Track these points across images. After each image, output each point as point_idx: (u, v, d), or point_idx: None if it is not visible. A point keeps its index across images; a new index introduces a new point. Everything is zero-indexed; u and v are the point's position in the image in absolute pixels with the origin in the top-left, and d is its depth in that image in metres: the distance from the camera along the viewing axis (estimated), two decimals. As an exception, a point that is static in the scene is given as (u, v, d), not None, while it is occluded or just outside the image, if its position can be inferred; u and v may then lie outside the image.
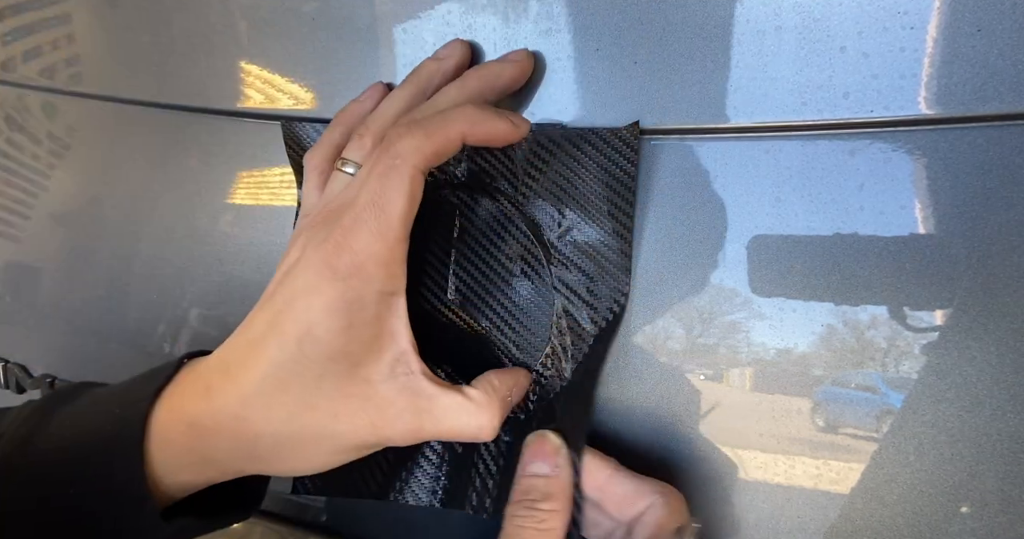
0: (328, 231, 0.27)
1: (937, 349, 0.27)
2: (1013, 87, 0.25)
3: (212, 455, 0.28)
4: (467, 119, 0.28)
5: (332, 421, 0.28)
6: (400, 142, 0.27)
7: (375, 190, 0.27)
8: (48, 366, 0.53)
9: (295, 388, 0.27)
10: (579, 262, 0.31)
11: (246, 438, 0.28)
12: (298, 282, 0.27)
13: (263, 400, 0.27)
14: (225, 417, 0.28)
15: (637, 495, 0.29)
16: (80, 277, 0.49)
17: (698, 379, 0.31)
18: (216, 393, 0.28)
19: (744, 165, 0.29)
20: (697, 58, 0.29)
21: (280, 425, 0.27)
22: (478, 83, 0.31)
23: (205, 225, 0.42)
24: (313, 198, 0.33)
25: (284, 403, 0.27)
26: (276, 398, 0.27)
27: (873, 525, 0.28)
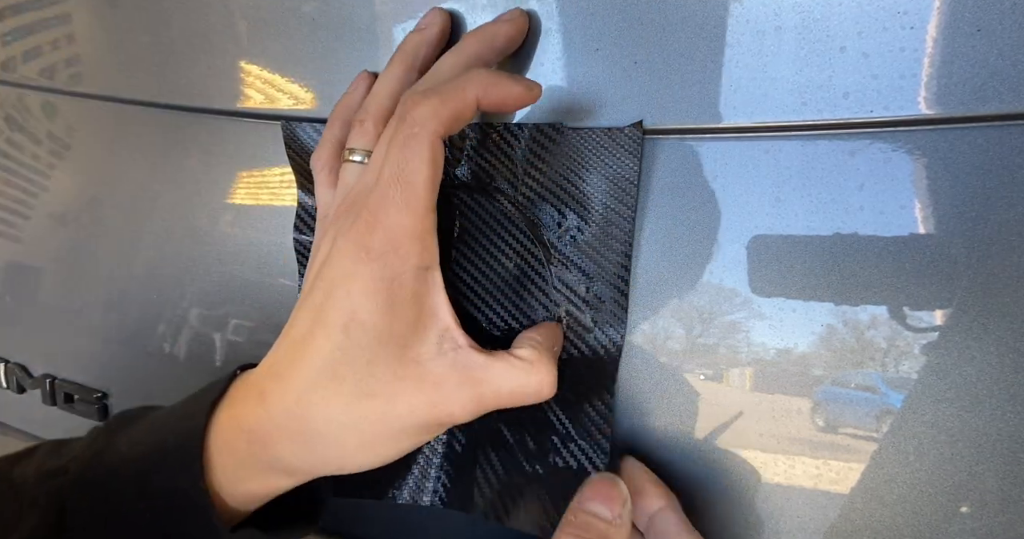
0: (355, 215, 0.27)
1: (937, 349, 0.27)
2: (1013, 87, 0.25)
3: (276, 459, 0.28)
4: (480, 82, 0.27)
5: (391, 406, 0.27)
6: (416, 109, 0.26)
7: (396, 162, 0.26)
8: (48, 366, 0.53)
9: (349, 377, 0.27)
10: (579, 262, 0.31)
11: (308, 436, 0.27)
12: (334, 272, 0.27)
13: (319, 395, 0.27)
14: (283, 418, 0.27)
15: (677, 535, 0.29)
16: (80, 277, 0.49)
17: (698, 379, 0.31)
18: (271, 396, 0.28)
19: (744, 165, 0.29)
20: (697, 58, 0.29)
21: (340, 416, 0.27)
22: (476, 46, 0.30)
23: (205, 225, 0.42)
24: (327, 197, 0.32)
25: (340, 394, 0.27)
26: (331, 390, 0.27)
27: (873, 525, 0.28)
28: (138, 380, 0.48)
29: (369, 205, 0.27)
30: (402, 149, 0.26)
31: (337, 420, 0.27)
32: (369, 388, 0.27)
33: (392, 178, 0.26)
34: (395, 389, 0.27)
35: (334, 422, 0.27)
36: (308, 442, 0.27)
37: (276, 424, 0.27)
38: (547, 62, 0.31)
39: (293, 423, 0.27)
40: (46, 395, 0.52)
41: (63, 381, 0.51)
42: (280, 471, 0.29)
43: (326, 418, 0.27)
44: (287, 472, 0.29)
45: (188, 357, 0.45)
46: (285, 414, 0.27)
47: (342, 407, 0.27)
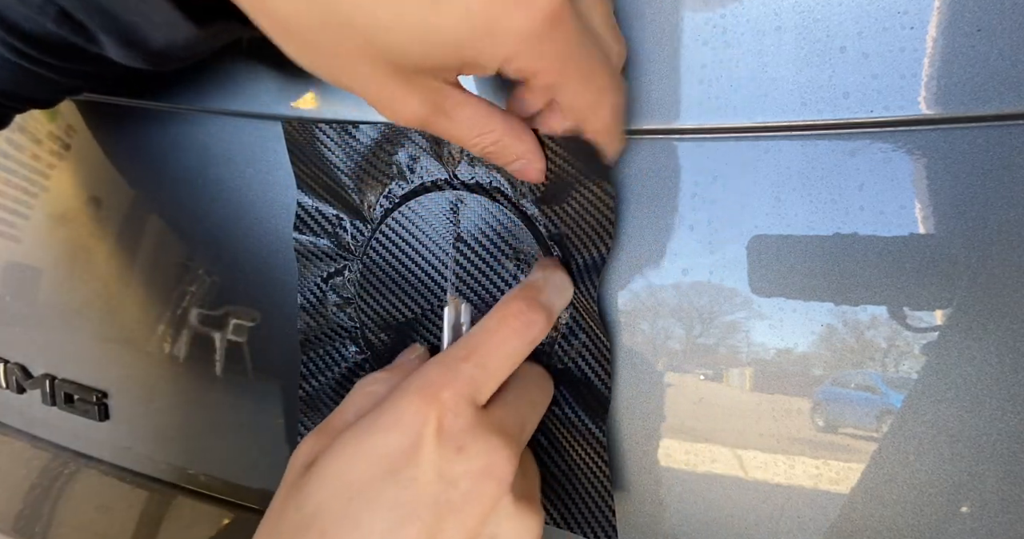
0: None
1: (937, 349, 0.27)
2: (1013, 87, 0.25)
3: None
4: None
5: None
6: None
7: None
8: (48, 366, 0.53)
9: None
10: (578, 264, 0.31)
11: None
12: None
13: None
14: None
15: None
16: (80, 277, 0.49)
17: (698, 379, 0.31)
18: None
19: (744, 165, 0.29)
20: (697, 58, 0.29)
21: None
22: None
23: (205, 225, 0.42)
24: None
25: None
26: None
27: (873, 525, 0.28)
28: (138, 380, 0.48)
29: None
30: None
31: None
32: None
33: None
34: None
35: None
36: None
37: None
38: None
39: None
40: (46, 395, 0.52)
41: (63, 381, 0.51)
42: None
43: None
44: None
45: (188, 357, 0.45)
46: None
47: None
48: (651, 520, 0.33)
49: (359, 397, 0.30)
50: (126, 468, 0.51)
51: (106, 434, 0.51)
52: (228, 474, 0.46)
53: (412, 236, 0.34)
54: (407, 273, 0.35)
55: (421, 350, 0.34)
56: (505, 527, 0.26)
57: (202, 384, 0.45)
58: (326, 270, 0.37)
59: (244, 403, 0.44)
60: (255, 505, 0.46)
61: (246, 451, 0.45)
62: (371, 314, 0.36)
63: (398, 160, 0.34)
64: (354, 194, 0.35)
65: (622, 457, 0.33)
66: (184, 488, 0.48)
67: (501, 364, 0.27)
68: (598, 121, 0.28)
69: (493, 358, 0.27)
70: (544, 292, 0.29)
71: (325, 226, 0.36)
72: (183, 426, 0.47)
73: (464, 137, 0.28)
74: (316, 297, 0.37)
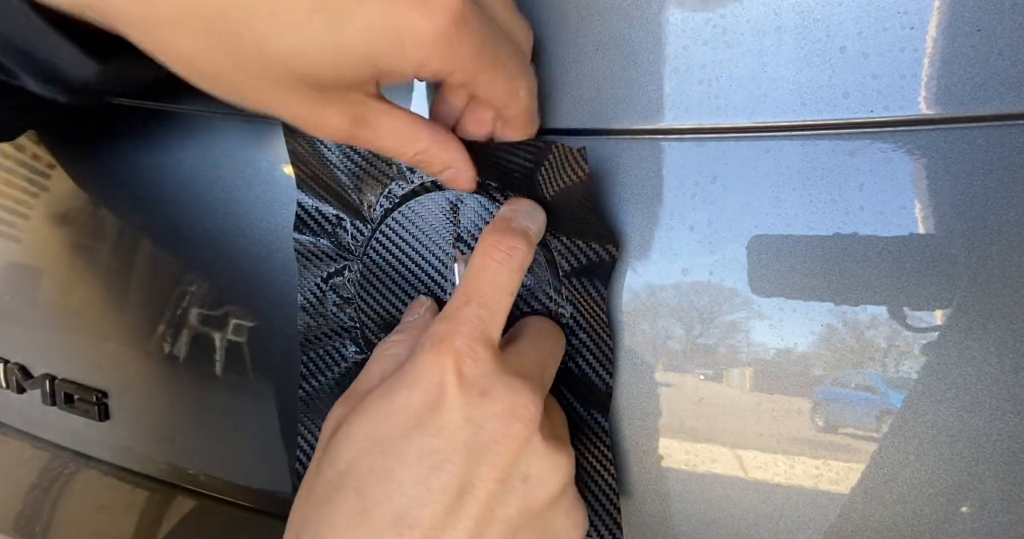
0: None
1: (937, 349, 0.27)
2: (1013, 87, 0.25)
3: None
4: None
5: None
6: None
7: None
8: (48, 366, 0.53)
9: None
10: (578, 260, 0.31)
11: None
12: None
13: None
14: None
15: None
16: (80, 277, 0.49)
17: (698, 379, 0.31)
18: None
19: (744, 165, 0.29)
20: (697, 58, 0.29)
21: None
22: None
23: (205, 225, 0.42)
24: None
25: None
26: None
27: (873, 525, 0.28)
28: (138, 380, 0.48)
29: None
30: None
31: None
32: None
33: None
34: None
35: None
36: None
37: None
38: (548, 63, 0.31)
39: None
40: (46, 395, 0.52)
41: (63, 381, 0.51)
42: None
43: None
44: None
45: (188, 357, 0.45)
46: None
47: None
48: (651, 520, 0.33)
49: (381, 361, 0.31)
50: (126, 468, 0.51)
51: (106, 434, 0.51)
52: (228, 474, 0.46)
53: (412, 236, 0.34)
54: (407, 273, 0.35)
55: (428, 302, 0.34)
56: (536, 466, 0.26)
57: (202, 384, 0.45)
58: (326, 270, 0.37)
59: (244, 403, 0.44)
60: (255, 505, 0.46)
61: (246, 451, 0.45)
62: (371, 314, 0.36)
63: (397, 160, 0.34)
64: (354, 194, 0.35)
65: (622, 457, 0.33)
66: (184, 488, 0.48)
67: (499, 297, 0.28)
68: (517, 106, 0.29)
69: (489, 293, 0.28)
70: (514, 219, 0.30)
71: (325, 226, 0.37)
72: (183, 426, 0.47)
73: (390, 147, 0.29)
74: (316, 297, 0.37)
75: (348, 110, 0.27)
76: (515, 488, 0.26)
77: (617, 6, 0.29)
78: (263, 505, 0.45)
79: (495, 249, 0.28)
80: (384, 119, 0.28)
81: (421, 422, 0.26)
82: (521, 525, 0.26)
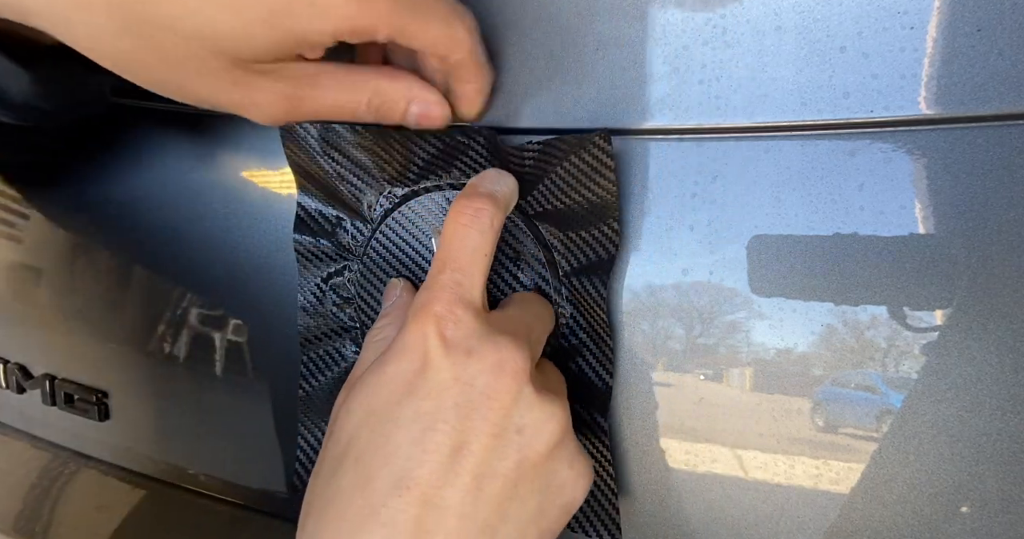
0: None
1: (937, 349, 0.27)
2: (1013, 87, 0.25)
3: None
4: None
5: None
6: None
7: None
8: (48, 366, 0.53)
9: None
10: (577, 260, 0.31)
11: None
12: None
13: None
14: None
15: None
16: (80, 277, 0.49)
17: (698, 379, 0.31)
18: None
19: (744, 165, 0.29)
20: (697, 58, 0.29)
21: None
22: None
23: (205, 225, 0.42)
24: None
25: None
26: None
27: (873, 525, 0.28)
28: (138, 380, 0.48)
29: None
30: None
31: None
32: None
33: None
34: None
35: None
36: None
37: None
38: (548, 63, 0.31)
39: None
40: (46, 395, 0.52)
41: (63, 381, 0.51)
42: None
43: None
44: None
45: (188, 357, 0.45)
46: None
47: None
48: (651, 520, 0.33)
49: (372, 347, 0.31)
50: (126, 468, 0.51)
51: (106, 434, 0.51)
52: (228, 474, 0.46)
53: (412, 236, 0.34)
54: (407, 273, 0.35)
55: (402, 283, 0.34)
56: (529, 417, 0.26)
57: (202, 384, 0.45)
58: (326, 270, 0.37)
59: (244, 403, 0.44)
60: (255, 505, 0.46)
61: (246, 451, 0.45)
62: (371, 314, 0.36)
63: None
64: (353, 196, 0.35)
65: (622, 457, 0.33)
66: (184, 488, 0.48)
67: (472, 258, 0.28)
68: (460, 49, 0.28)
69: (462, 257, 0.28)
70: (480, 185, 0.30)
71: (325, 226, 0.36)
72: (183, 426, 0.47)
73: (341, 101, 0.28)
74: (316, 297, 0.37)
75: (279, 86, 0.26)
76: (511, 441, 0.26)
77: (617, 6, 0.29)
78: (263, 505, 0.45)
79: (461, 213, 0.28)
80: (322, 78, 0.27)
81: (412, 388, 0.26)
82: (520, 477, 0.26)
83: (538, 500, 0.27)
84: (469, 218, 0.28)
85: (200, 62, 0.25)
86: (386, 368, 0.27)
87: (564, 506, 0.27)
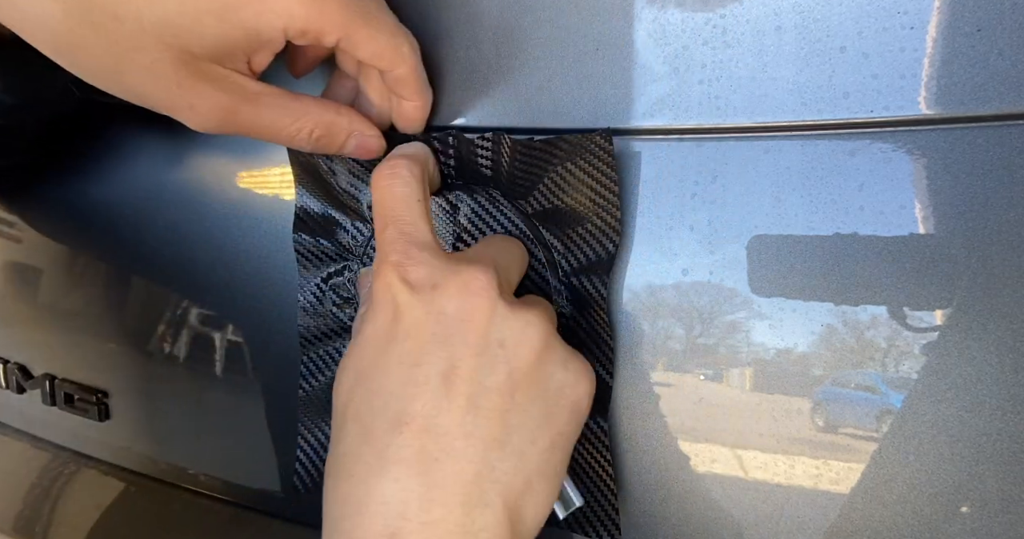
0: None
1: (937, 349, 0.27)
2: (1013, 87, 0.25)
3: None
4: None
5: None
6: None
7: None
8: (48, 366, 0.53)
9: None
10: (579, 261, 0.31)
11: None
12: None
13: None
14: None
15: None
16: (80, 277, 0.49)
17: (698, 379, 0.31)
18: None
19: (744, 165, 0.29)
20: (697, 58, 0.29)
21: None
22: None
23: (205, 225, 0.42)
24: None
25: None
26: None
27: (873, 525, 0.28)
28: (138, 380, 0.48)
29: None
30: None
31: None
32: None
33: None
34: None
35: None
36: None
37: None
38: (549, 63, 0.31)
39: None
40: (46, 395, 0.52)
41: (63, 381, 0.51)
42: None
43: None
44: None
45: (188, 357, 0.45)
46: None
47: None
48: (651, 520, 0.33)
49: (353, 332, 0.32)
50: (126, 468, 0.51)
51: (106, 434, 0.51)
52: (228, 474, 0.46)
53: None
54: None
55: (372, 271, 0.34)
56: (508, 329, 0.26)
57: (202, 384, 0.45)
58: (326, 270, 0.37)
59: (244, 403, 0.44)
60: (255, 505, 0.46)
61: (246, 451, 0.45)
62: (371, 314, 0.36)
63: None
64: (353, 198, 0.35)
65: (622, 457, 0.33)
66: (184, 488, 0.49)
67: (407, 205, 0.28)
68: (404, 64, 0.29)
69: (397, 207, 0.28)
70: (394, 155, 0.30)
71: (325, 226, 0.37)
72: (183, 426, 0.47)
73: (280, 124, 0.29)
74: (316, 297, 0.37)
75: (220, 96, 0.27)
76: (495, 355, 0.26)
77: (617, 6, 0.29)
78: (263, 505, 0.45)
79: (380, 174, 0.29)
80: (265, 98, 0.28)
81: (391, 336, 0.27)
82: (515, 388, 0.26)
83: (540, 406, 0.27)
84: (387, 174, 0.29)
85: (148, 56, 0.25)
86: (364, 330, 0.27)
87: (570, 407, 0.27)
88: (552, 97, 0.31)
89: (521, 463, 0.26)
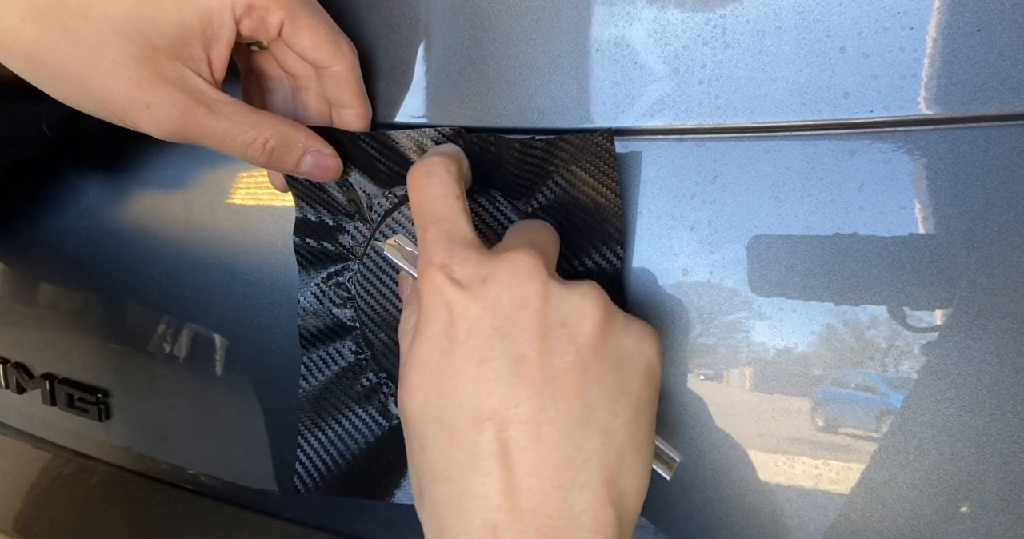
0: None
1: (937, 349, 0.27)
2: (1013, 87, 0.25)
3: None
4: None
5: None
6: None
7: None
8: (48, 366, 0.53)
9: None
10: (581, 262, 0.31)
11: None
12: None
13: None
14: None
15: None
16: (80, 277, 0.49)
17: (698, 379, 0.31)
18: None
19: (744, 165, 0.29)
20: (697, 58, 0.29)
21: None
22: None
23: (205, 225, 0.42)
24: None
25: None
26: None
27: (873, 525, 0.28)
28: (138, 380, 0.48)
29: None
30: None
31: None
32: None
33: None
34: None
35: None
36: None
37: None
38: (549, 63, 0.31)
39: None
40: (46, 395, 0.52)
41: (63, 381, 0.51)
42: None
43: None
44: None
45: (188, 357, 0.45)
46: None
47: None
48: (651, 520, 0.33)
49: (405, 339, 0.31)
50: (126, 468, 0.51)
51: (106, 434, 0.51)
52: (228, 474, 0.46)
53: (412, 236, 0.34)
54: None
55: (402, 272, 0.34)
56: (566, 306, 0.26)
57: (202, 384, 0.45)
58: (326, 270, 0.37)
59: (244, 403, 0.44)
60: (255, 505, 0.46)
61: (246, 451, 0.45)
62: (371, 314, 0.36)
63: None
64: (354, 195, 0.35)
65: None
66: (184, 488, 0.49)
67: (445, 204, 0.28)
68: (344, 60, 0.29)
69: (436, 206, 0.28)
70: (429, 154, 0.30)
71: (325, 227, 0.37)
72: (183, 426, 0.47)
73: (235, 131, 0.29)
74: (316, 297, 0.37)
75: (179, 98, 0.27)
76: (560, 336, 0.26)
77: (617, 7, 0.29)
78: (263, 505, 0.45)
79: (415, 175, 0.29)
80: (222, 106, 0.29)
81: (452, 339, 0.26)
82: (586, 364, 0.26)
83: (614, 376, 0.26)
84: (423, 172, 0.28)
85: (113, 52, 0.26)
86: (422, 339, 0.27)
87: (643, 371, 0.27)
88: (552, 97, 0.31)
89: (609, 438, 0.26)
